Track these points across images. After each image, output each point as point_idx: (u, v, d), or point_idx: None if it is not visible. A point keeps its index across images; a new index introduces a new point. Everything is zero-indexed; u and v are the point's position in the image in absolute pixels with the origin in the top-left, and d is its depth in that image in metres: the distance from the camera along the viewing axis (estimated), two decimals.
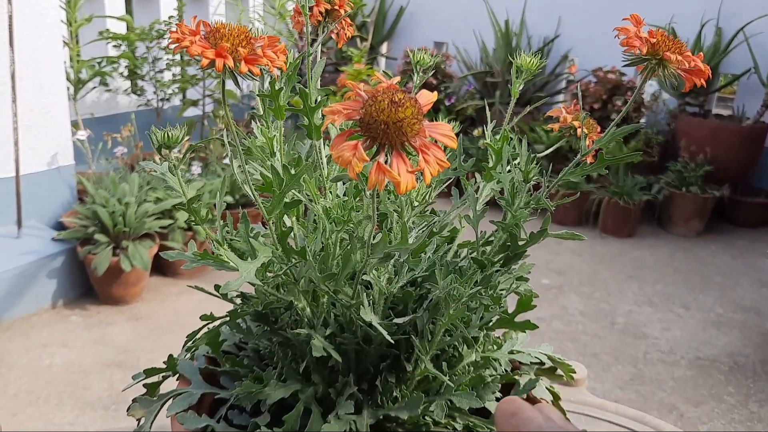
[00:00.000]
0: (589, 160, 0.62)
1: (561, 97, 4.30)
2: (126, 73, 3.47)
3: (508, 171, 0.64)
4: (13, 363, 2.13)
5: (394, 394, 0.61)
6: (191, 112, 3.73)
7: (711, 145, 3.58)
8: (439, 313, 0.59)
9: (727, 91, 4.38)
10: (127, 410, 0.66)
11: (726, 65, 3.79)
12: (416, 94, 0.42)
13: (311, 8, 0.62)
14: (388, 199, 0.60)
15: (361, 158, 0.39)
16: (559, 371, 0.75)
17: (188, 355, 0.70)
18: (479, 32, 4.31)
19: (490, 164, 0.64)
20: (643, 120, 3.91)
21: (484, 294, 0.60)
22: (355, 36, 4.63)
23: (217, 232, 0.60)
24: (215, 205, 0.63)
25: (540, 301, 2.78)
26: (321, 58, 0.66)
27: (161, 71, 3.52)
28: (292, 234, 0.62)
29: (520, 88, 0.67)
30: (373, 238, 0.53)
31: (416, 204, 0.59)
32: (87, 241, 2.54)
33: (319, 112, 0.59)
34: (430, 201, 0.60)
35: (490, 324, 0.65)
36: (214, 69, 0.44)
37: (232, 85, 3.97)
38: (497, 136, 0.64)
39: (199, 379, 0.66)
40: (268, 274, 0.60)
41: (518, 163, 0.63)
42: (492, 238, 0.65)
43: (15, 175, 2.50)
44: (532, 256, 0.64)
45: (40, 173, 2.65)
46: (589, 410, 0.96)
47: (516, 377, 0.67)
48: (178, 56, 3.45)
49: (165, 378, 0.69)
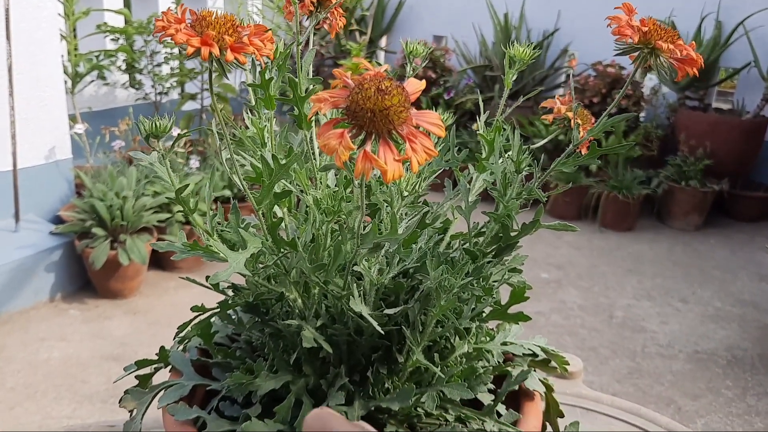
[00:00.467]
0: (583, 150, 0.62)
1: (560, 91, 4.29)
2: (124, 67, 3.46)
3: (501, 162, 0.63)
4: (11, 356, 2.13)
5: (386, 385, 0.61)
6: (189, 105, 3.72)
7: (710, 139, 3.57)
8: (431, 304, 0.59)
9: (726, 85, 4.37)
10: (120, 402, 0.66)
11: (726, 59, 3.78)
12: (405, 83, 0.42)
13: None
14: (379, 189, 0.60)
15: (347, 146, 0.38)
16: (553, 363, 0.75)
17: (180, 347, 0.70)
18: (478, 26, 4.30)
19: (483, 155, 0.64)
20: (642, 114, 3.90)
21: (475, 285, 0.60)
22: (354, 30, 4.61)
23: (207, 223, 0.60)
24: (215, 199, 0.62)
25: (539, 294, 2.80)
26: (313, 48, 0.66)
27: (159, 65, 3.51)
28: (282, 225, 0.61)
29: (519, 81, 0.67)
30: (364, 228, 0.52)
31: (406, 194, 0.59)
32: (85, 234, 2.54)
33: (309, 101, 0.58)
34: (421, 192, 0.60)
35: (483, 315, 0.64)
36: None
37: (231, 79, 3.96)
38: (490, 128, 0.64)
39: (191, 371, 0.66)
40: (259, 266, 0.60)
41: (510, 154, 0.63)
42: (484, 230, 0.65)
43: (12, 169, 2.50)
44: (531, 250, 0.64)
45: (38, 167, 2.64)
46: (585, 403, 0.96)
47: (508, 369, 0.67)
48: (176, 50, 3.44)
49: (157, 370, 0.69)
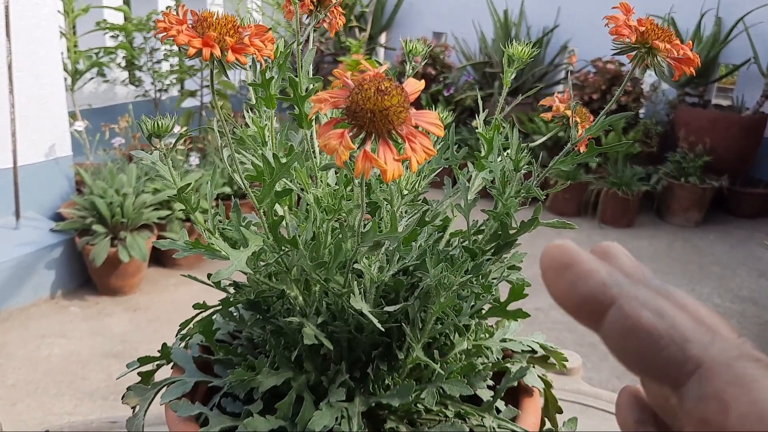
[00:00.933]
0: (582, 148, 0.62)
1: (560, 88, 4.29)
2: (123, 64, 3.46)
3: (500, 160, 0.64)
4: (12, 353, 2.14)
5: (386, 381, 0.62)
6: (189, 102, 3.72)
7: (710, 136, 3.58)
8: (431, 302, 0.59)
9: (726, 81, 4.37)
10: (122, 398, 0.67)
11: (726, 55, 3.77)
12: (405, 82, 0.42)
13: None
14: (379, 187, 0.61)
15: (347, 146, 0.39)
16: (552, 360, 0.76)
17: (182, 344, 0.70)
18: (478, 22, 4.30)
19: (483, 153, 0.64)
20: (642, 110, 3.90)
21: (475, 282, 0.60)
22: (354, 26, 4.61)
23: (209, 221, 0.60)
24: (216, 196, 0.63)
25: (538, 291, 2.80)
26: (313, 46, 0.66)
27: (159, 62, 3.51)
28: (283, 223, 0.62)
29: (518, 78, 0.67)
30: (364, 227, 0.53)
31: (406, 193, 0.59)
32: (85, 232, 2.55)
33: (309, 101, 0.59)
34: (421, 190, 0.61)
35: (482, 312, 0.65)
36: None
37: (231, 76, 3.96)
38: (489, 126, 0.64)
39: (193, 368, 0.66)
40: (260, 263, 0.60)
41: (509, 152, 0.63)
42: (483, 227, 0.65)
43: (13, 166, 2.50)
44: (530, 246, 0.64)
45: (38, 164, 2.65)
46: (584, 399, 0.96)
47: (507, 365, 0.68)
48: (176, 47, 3.44)
49: (159, 366, 0.70)
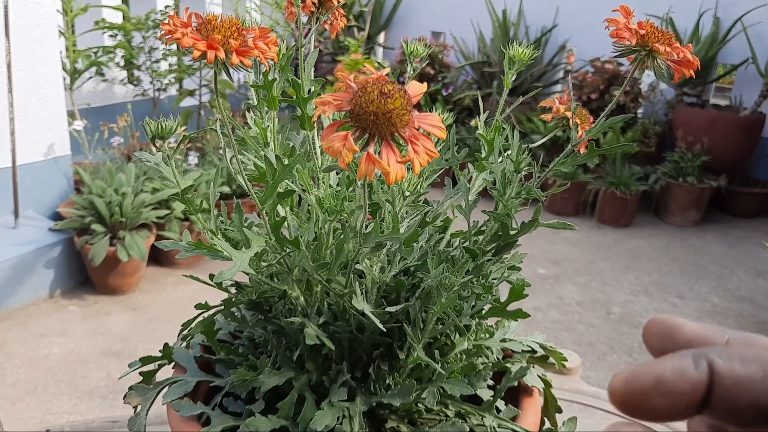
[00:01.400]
0: (581, 150, 0.63)
1: (559, 87, 4.29)
2: (122, 63, 3.46)
3: (500, 161, 0.64)
4: (12, 352, 2.14)
5: (387, 381, 0.62)
6: (188, 102, 3.72)
7: (708, 136, 3.58)
8: (431, 302, 0.60)
9: (724, 81, 4.38)
10: (124, 398, 0.67)
11: (724, 55, 3.78)
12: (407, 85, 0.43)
13: None
14: (381, 189, 0.61)
15: (351, 149, 0.39)
16: (551, 359, 0.76)
17: (184, 344, 0.71)
18: (477, 22, 4.30)
19: (483, 154, 0.65)
20: (640, 110, 3.91)
21: (475, 283, 0.60)
22: (353, 26, 4.61)
23: (211, 222, 0.61)
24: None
25: (536, 290, 2.82)
26: (315, 48, 0.66)
27: (157, 61, 3.51)
28: (285, 224, 0.62)
29: (517, 78, 0.68)
30: (366, 227, 0.53)
31: (407, 194, 0.60)
32: (84, 231, 2.55)
33: (313, 103, 0.59)
34: (422, 191, 0.61)
35: (482, 312, 0.65)
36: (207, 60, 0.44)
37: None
38: (490, 127, 0.65)
39: (195, 368, 0.67)
40: (262, 264, 0.61)
41: (510, 154, 0.64)
42: (484, 228, 0.65)
43: (12, 166, 2.50)
44: (529, 246, 0.64)
45: (37, 163, 2.65)
46: (583, 398, 0.97)
47: (507, 365, 0.68)
48: (174, 46, 3.43)
49: (161, 366, 0.70)
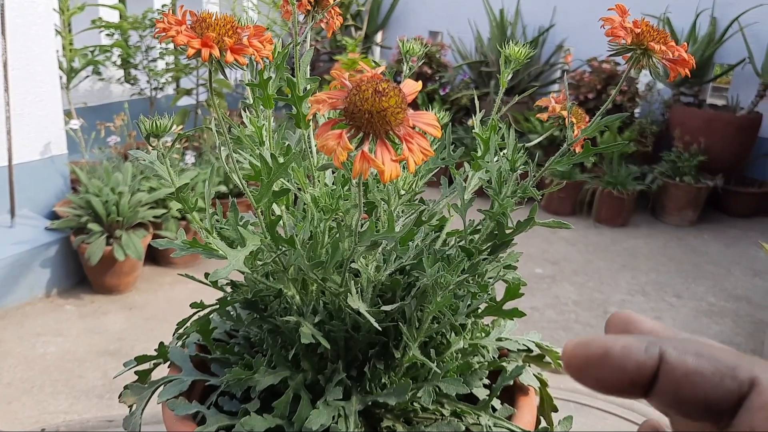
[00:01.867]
0: (577, 149, 0.63)
1: (556, 87, 4.29)
2: (119, 62, 3.45)
3: (496, 160, 0.64)
4: (8, 351, 2.14)
5: (383, 380, 0.62)
6: (185, 101, 3.71)
7: (705, 135, 3.59)
8: (427, 301, 0.60)
9: (721, 81, 4.38)
10: (119, 397, 0.67)
11: (721, 55, 3.79)
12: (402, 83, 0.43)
13: None
14: (376, 187, 0.61)
15: (345, 147, 0.39)
16: (547, 358, 0.76)
17: (179, 343, 0.70)
18: (474, 21, 4.30)
19: (479, 153, 0.65)
20: (637, 110, 3.91)
21: (471, 282, 0.60)
22: (350, 25, 4.60)
23: (206, 221, 0.60)
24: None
25: (533, 290, 2.82)
26: (311, 47, 0.66)
27: (154, 60, 3.50)
28: (281, 222, 0.62)
29: (514, 77, 0.68)
30: (361, 226, 0.53)
31: (403, 193, 0.60)
32: (80, 230, 2.54)
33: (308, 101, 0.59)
34: (418, 190, 0.61)
35: (478, 311, 0.65)
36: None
37: (228, 74, 3.95)
38: (486, 126, 0.65)
39: (190, 367, 0.67)
40: (258, 263, 0.61)
41: (506, 153, 0.64)
42: (480, 227, 0.65)
43: (8, 165, 2.49)
44: (526, 245, 0.65)
45: (33, 162, 2.64)
46: (579, 398, 0.97)
47: (503, 364, 0.68)
48: (171, 45, 3.43)
49: (156, 365, 0.70)
